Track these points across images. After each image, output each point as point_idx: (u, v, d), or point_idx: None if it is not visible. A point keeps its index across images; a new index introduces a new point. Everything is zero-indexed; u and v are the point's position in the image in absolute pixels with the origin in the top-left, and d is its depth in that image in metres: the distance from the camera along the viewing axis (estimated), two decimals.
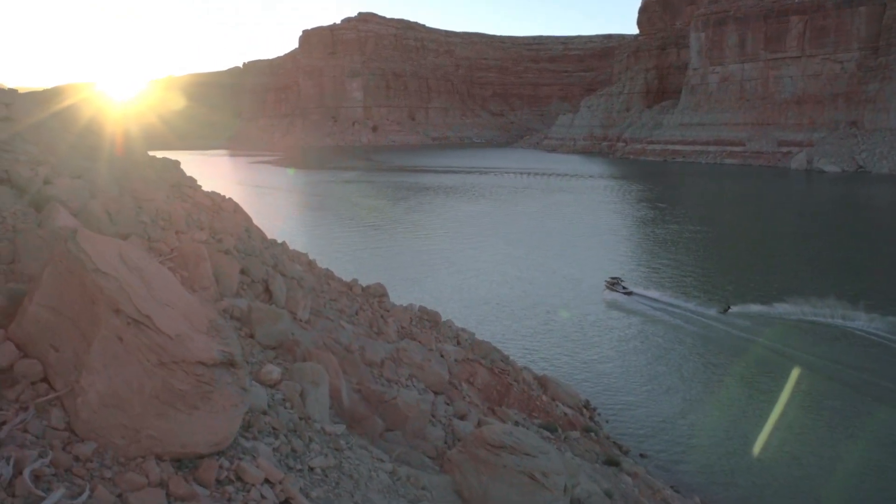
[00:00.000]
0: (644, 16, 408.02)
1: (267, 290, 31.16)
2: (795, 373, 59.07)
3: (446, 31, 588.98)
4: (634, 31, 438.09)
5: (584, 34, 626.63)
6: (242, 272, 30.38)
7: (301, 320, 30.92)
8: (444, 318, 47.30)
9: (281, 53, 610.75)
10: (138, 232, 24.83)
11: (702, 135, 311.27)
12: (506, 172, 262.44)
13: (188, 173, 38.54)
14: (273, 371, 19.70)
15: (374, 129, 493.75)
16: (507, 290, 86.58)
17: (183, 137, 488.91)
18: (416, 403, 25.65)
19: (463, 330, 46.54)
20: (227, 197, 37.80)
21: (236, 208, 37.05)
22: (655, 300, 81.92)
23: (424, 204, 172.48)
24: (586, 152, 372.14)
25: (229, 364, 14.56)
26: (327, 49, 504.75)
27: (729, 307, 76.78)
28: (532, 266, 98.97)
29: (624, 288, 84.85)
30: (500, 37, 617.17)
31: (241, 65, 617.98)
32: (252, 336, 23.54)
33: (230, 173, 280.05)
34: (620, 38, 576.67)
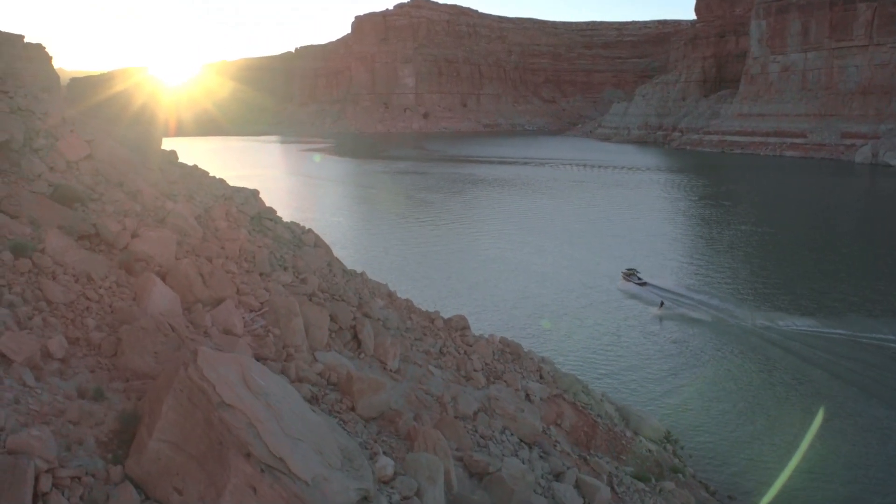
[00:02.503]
0: (702, 2, 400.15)
1: (355, 337, 29.88)
2: (847, 392, 57.94)
3: (499, 17, 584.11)
4: (689, 16, 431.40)
5: (639, 20, 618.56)
6: (330, 318, 29.08)
7: (391, 370, 29.60)
8: (507, 336, 46.13)
9: (333, 39, 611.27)
10: (230, 292, 23.48)
11: (761, 126, 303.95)
12: (561, 164, 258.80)
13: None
14: (387, 466, 18.18)
15: (426, 115, 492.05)
16: (574, 298, 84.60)
17: (235, 122, 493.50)
18: (522, 475, 24.05)
19: (543, 360, 44.88)
20: (307, 228, 36.48)
21: (317, 241, 35.77)
22: (668, 291, 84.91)
23: (481, 199, 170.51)
24: (640, 142, 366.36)
25: (364, 500, 13.12)
26: (379, 35, 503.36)
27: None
28: (593, 272, 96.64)
29: (639, 279, 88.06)
30: (553, 22, 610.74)
31: (293, 49, 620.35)
32: (353, 409, 22.07)
33: (283, 162, 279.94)
34: (675, 24, 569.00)
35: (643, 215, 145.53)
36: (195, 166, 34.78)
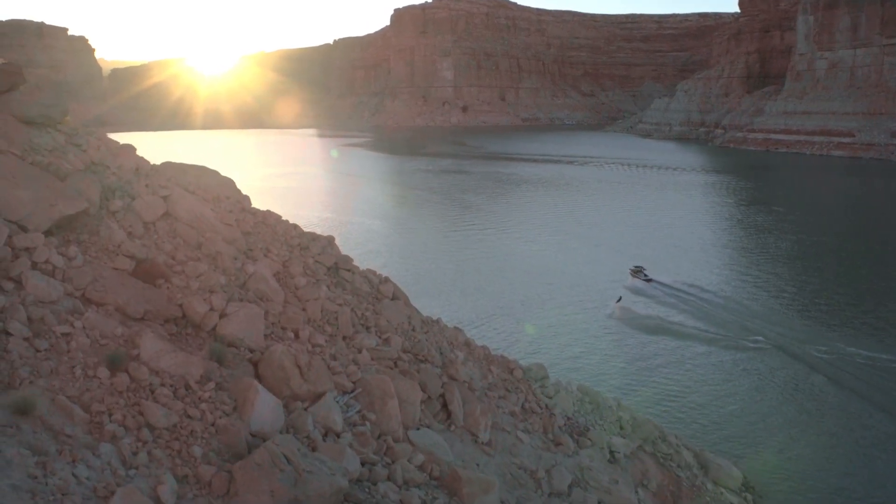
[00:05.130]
0: None
1: (444, 406, 28.16)
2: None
3: (538, 9, 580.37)
4: (731, 9, 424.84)
5: (679, 12, 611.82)
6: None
7: (482, 443, 27.87)
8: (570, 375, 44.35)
9: (371, 31, 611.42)
10: (328, 385, 21.76)
11: (807, 124, 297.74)
12: (605, 163, 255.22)
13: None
14: None
15: (465, 109, 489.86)
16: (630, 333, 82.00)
17: (273, 115, 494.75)
18: None
19: (620, 406, 42.94)
20: (384, 277, 34.73)
21: (395, 292, 33.94)
22: (671, 287, 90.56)
23: (526, 201, 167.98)
24: (682, 139, 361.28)
25: None
26: (418, 28, 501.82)
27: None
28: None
29: (645, 276, 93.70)
30: (593, 15, 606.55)
31: (331, 41, 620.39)
32: None
33: (320, 158, 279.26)
34: (717, 17, 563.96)
35: (693, 222, 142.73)
36: (268, 212, 33.10)
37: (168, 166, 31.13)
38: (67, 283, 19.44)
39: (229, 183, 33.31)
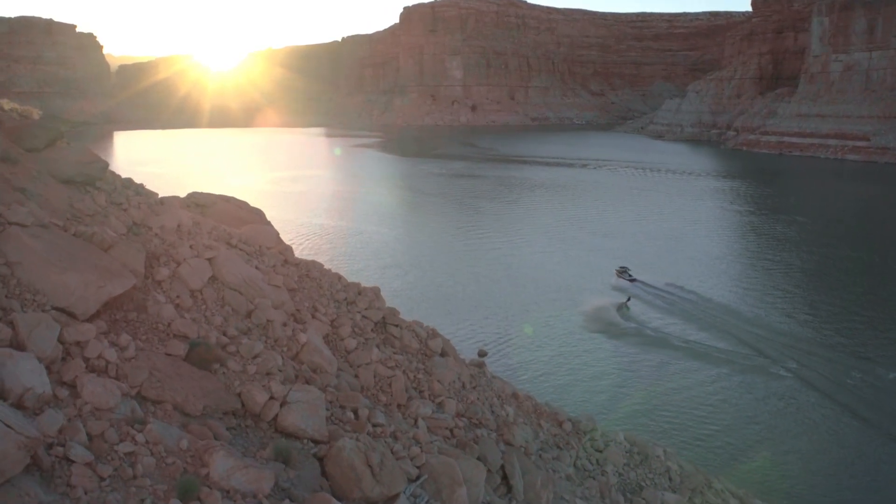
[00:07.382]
0: None
1: (504, 479, 26.72)
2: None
3: (548, 8, 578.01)
4: (741, 8, 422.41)
5: (690, 11, 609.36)
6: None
7: None
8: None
9: (380, 28, 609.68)
10: (401, 485, 20.24)
11: (821, 127, 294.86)
12: (619, 167, 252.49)
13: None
14: None
15: (474, 108, 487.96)
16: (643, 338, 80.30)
17: (281, 112, 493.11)
18: None
19: (668, 454, 41.36)
20: (431, 330, 33.21)
21: (444, 347, 32.45)
22: (653, 287, 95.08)
23: (541, 208, 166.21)
24: (694, 140, 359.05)
25: None
26: (427, 26, 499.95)
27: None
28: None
29: (630, 276, 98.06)
30: (603, 13, 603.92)
31: (340, 38, 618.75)
32: None
33: (331, 162, 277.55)
34: (727, 16, 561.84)
35: (710, 231, 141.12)
36: (313, 262, 31.65)
37: (204, 219, 29.78)
38: (122, 380, 17.95)
39: (270, 232, 32.04)
